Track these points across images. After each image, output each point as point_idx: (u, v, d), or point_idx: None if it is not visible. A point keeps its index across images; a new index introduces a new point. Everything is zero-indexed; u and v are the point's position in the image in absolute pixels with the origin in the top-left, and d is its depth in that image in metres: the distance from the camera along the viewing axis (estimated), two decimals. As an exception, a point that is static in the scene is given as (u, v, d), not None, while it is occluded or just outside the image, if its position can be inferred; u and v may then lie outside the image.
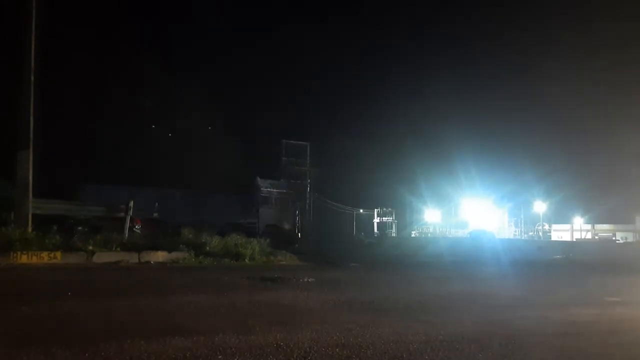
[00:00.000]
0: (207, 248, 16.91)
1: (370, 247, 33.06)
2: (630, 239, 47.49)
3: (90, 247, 15.03)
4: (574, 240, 47.70)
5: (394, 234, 48.79)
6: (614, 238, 48.24)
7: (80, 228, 18.12)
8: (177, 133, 41.13)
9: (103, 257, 14.90)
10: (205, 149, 39.03)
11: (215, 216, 23.48)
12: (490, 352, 5.55)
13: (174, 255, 15.96)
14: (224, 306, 8.20)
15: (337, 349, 5.38)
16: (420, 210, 51.22)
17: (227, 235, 19.04)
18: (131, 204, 17.74)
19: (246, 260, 16.93)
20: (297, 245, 24.26)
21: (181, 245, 16.59)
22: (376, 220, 51.40)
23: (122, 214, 17.89)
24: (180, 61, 57.89)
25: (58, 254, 14.43)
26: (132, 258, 15.14)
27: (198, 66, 60.05)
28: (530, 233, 50.29)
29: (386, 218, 51.15)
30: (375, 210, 51.41)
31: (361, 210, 51.77)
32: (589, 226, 51.62)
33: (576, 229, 51.36)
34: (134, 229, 18.59)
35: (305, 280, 12.51)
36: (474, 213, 49.88)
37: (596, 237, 49.78)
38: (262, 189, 25.04)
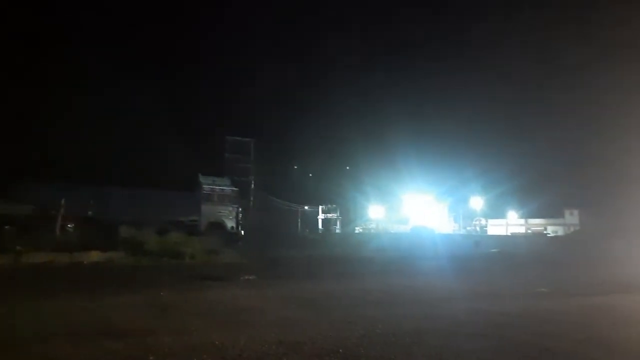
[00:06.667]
0: (146, 247, 16.41)
1: (315, 243, 33.17)
2: (560, 232, 50.04)
3: (19, 248, 14.24)
4: (509, 234, 49.79)
5: (338, 230, 49.21)
6: (545, 232, 50.69)
7: (7, 227, 17.11)
8: (118, 129, 39.69)
9: (32, 258, 14.15)
10: (146, 145, 37.89)
11: (156, 214, 22.76)
12: (425, 343, 5.67)
13: (109, 254, 15.39)
14: (160, 306, 7.96)
15: (274, 346, 5.33)
16: (364, 207, 51.96)
17: (167, 233, 18.55)
18: (63, 202, 16.93)
19: (186, 258, 16.56)
20: (240, 243, 23.96)
21: (118, 244, 16.02)
22: (321, 216, 51.67)
23: (54, 213, 17.06)
24: (123, 56, 55.65)
25: (-18, 255, 13.59)
26: (63, 258, 14.46)
27: (141, 62, 58.03)
28: (469, 228, 52.06)
29: (331, 215, 51.52)
30: (320, 207, 51.69)
31: (306, 207, 51.84)
32: (522, 220, 54.05)
33: (511, 223, 53.62)
34: (67, 228, 17.76)
35: (247, 278, 12.39)
36: (416, 209, 51.17)
37: (529, 231, 52.12)
38: (204, 186, 24.47)
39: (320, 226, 50.85)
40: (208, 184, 24.75)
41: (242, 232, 25.39)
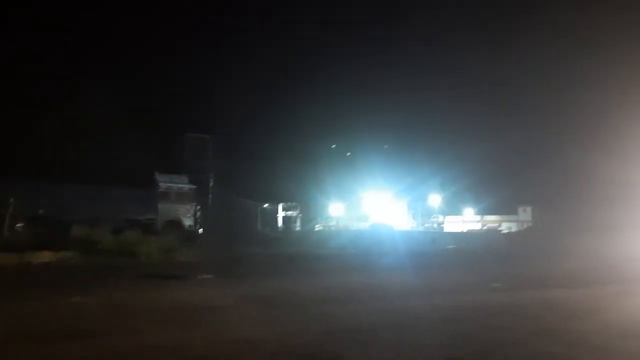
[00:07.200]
0: (100, 246, 15.95)
1: (275, 241, 33.09)
2: (514, 228, 51.60)
3: (-39, 249, 13.61)
4: (465, 231, 50.98)
5: (298, 228, 49.14)
6: (499, 228, 52.16)
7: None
8: (72, 123, 38.31)
9: (-23, 259, 13.52)
10: (101, 141, 36.78)
11: (112, 212, 22.16)
12: (382, 339, 5.74)
13: (61, 254, 14.87)
14: (116, 307, 7.77)
15: (233, 345, 5.27)
16: (325, 204, 52.04)
17: (122, 232, 18.09)
18: (11, 200, 16.26)
19: (142, 258, 16.19)
20: (198, 242, 23.63)
21: (70, 244, 15.50)
22: (281, 214, 51.47)
23: (2, 212, 16.36)
24: (79, 49, 53.62)
25: None
26: (11, 259, 13.86)
27: (97, 56, 56.13)
28: (427, 225, 52.94)
29: (291, 212, 51.35)
30: (280, 204, 51.47)
31: (266, 205, 51.49)
32: (478, 217, 55.42)
33: (467, 220, 54.90)
34: (16, 227, 17.06)
35: (205, 276, 12.22)
36: (375, 206, 51.68)
37: (484, 228, 53.46)
38: (160, 183, 23.99)
39: (280, 224, 50.68)
40: (165, 182, 24.29)
41: (201, 230, 25.04)
